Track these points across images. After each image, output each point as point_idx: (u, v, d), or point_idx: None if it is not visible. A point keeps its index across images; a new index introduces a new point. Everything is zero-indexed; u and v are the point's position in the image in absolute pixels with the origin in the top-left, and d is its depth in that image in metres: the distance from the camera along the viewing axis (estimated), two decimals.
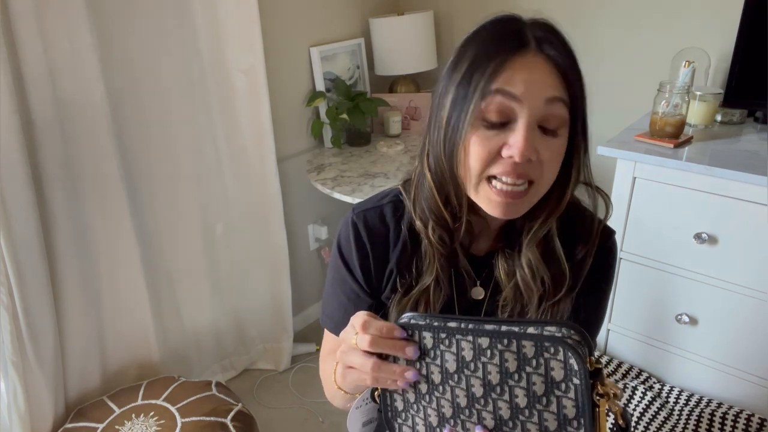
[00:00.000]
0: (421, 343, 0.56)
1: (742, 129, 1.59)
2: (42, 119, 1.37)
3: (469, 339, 0.54)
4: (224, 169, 1.82)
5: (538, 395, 0.52)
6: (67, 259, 1.50)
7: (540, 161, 0.64)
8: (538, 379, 0.52)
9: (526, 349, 0.52)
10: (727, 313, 1.44)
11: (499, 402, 0.54)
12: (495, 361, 0.53)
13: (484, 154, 0.65)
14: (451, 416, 0.56)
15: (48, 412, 1.50)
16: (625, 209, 1.51)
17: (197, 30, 1.65)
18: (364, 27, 2.18)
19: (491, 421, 0.54)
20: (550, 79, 0.64)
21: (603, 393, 0.51)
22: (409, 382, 0.56)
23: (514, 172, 0.64)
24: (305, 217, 2.19)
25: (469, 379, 0.54)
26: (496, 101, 0.63)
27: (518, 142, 0.62)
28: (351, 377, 0.59)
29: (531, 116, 0.63)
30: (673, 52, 1.66)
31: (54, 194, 1.44)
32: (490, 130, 0.64)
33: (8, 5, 1.26)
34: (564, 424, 0.51)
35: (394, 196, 0.81)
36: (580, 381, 0.50)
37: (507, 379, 0.53)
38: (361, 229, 0.80)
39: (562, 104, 0.64)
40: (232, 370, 2.05)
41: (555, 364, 0.51)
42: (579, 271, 0.75)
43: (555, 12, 0.71)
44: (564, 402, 0.51)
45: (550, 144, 0.65)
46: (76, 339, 1.56)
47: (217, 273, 1.90)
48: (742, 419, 1.45)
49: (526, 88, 0.62)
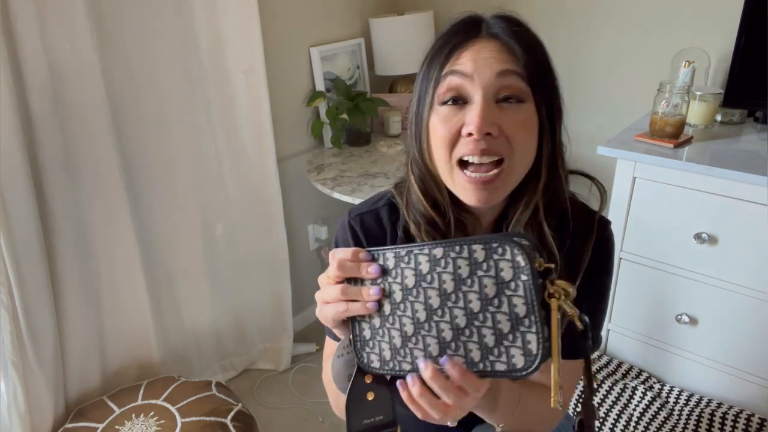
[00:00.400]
0: (385, 264, 0.58)
1: (742, 129, 1.59)
2: (42, 119, 1.37)
3: (425, 252, 0.55)
4: (224, 169, 1.82)
5: (489, 297, 0.52)
6: (67, 259, 1.50)
7: (505, 136, 0.65)
8: (489, 281, 0.52)
9: (476, 253, 0.52)
10: (727, 313, 1.44)
11: (455, 310, 0.54)
12: (449, 269, 0.54)
13: (445, 134, 0.66)
14: (413, 333, 0.57)
15: (48, 412, 1.50)
16: (625, 209, 1.51)
17: (197, 30, 1.65)
18: (364, 27, 2.18)
19: (449, 331, 0.54)
20: (501, 55, 0.66)
21: (553, 292, 0.50)
22: (373, 299, 0.58)
23: (477, 149, 0.64)
24: (305, 217, 2.19)
25: (426, 291, 0.55)
26: (448, 81, 0.66)
27: (473, 117, 0.63)
28: (326, 311, 0.61)
29: (484, 91, 0.64)
30: (673, 52, 1.66)
31: (54, 194, 1.44)
32: (449, 111, 0.66)
33: (8, 5, 1.26)
34: (516, 324, 0.51)
35: (389, 198, 0.82)
36: (528, 276, 0.50)
37: (461, 285, 0.53)
38: (358, 231, 0.80)
39: (516, 76, 0.65)
40: (232, 370, 2.05)
41: (504, 264, 0.51)
42: (579, 264, 0.75)
43: (555, 12, 0.72)
44: (514, 301, 0.51)
45: (511, 115, 0.65)
46: (76, 339, 1.56)
47: (217, 273, 1.90)
48: (742, 419, 1.45)
49: (475, 65, 0.65)
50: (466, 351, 0.54)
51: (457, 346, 0.54)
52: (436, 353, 0.56)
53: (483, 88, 0.64)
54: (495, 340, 0.52)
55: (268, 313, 2.05)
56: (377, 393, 0.62)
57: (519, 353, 0.51)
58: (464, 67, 0.65)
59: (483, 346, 0.53)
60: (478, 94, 0.64)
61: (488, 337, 0.52)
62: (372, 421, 0.62)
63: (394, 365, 0.59)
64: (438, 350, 0.56)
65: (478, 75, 0.64)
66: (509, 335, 0.51)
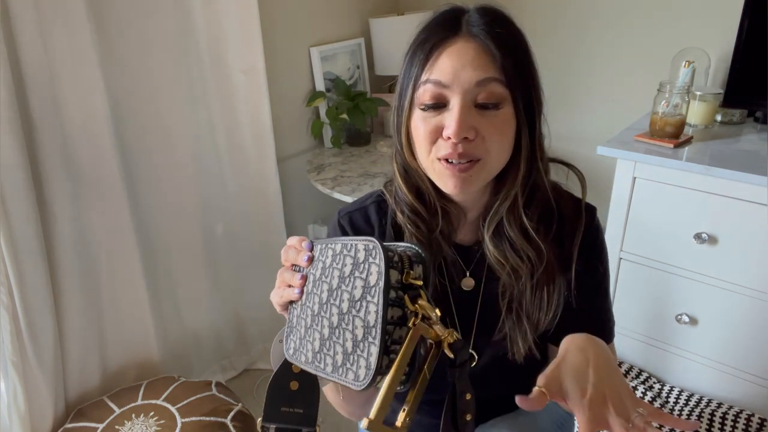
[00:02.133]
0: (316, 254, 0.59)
1: (742, 129, 1.59)
2: (42, 119, 1.37)
3: (332, 246, 0.55)
4: (224, 169, 1.82)
5: (356, 300, 0.50)
6: (67, 259, 1.50)
7: (482, 137, 0.68)
8: (359, 284, 0.50)
9: (359, 253, 0.52)
10: (727, 313, 1.44)
11: (333, 308, 0.53)
12: (339, 265, 0.54)
13: (425, 135, 0.69)
14: (310, 325, 0.56)
15: (48, 412, 1.50)
16: (625, 209, 1.51)
17: (197, 30, 1.65)
18: (364, 27, 2.18)
19: (327, 329, 0.53)
20: (480, 61, 0.67)
21: (412, 310, 0.48)
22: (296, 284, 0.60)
23: (455, 152, 0.68)
24: (305, 217, 2.19)
25: (322, 285, 0.55)
26: (428, 89, 0.68)
27: (452, 123, 0.66)
28: (273, 294, 0.65)
29: (463, 99, 0.66)
30: (673, 52, 1.66)
31: (54, 194, 1.44)
32: (428, 113, 0.69)
33: (8, 5, 1.26)
34: (366, 333, 0.49)
35: (377, 196, 0.84)
36: (383, 283, 0.48)
37: (341, 283, 0.53)
38: (347, 229, 0.83)
39: (496, 83, 0.67)
40: (232, 370, 2.05)
41: (373, 268, 0.49)
42: (570, 248, 0.77)
43: (555, 12, 0.72)
44: (369, 307, 0.49)
45: (489, 119, 0.68)
46: (76, 339, 1.56)
47: (217, 273, 1.90)
48: (742, 419, 1.45)
49: (454, 75, 0.67)
50: (334, 352, 0.52)
51: (330, 345, 0.53)
52: (317, 349, 0.54)
53: (461, 94, 0.67)
54: (352, 346, 0.50)
55: (268, 313, 2.03)
56: (303, 384, 0.62)
57: (363, 364, 0.49)
58: (443, 77, 0.67)
59: (344, 350, 0.51)
60: (456, 100, 0.67)
61: (348, 342, 0.51)
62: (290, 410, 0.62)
63: (298, 356, 0.58)
64: (318, 346, 0.54)
65: (457, 84, 0.67)
66: (361, 343, 0.49)
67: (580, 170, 0.80)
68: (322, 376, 0.54)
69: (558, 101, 1.99)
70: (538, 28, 1.94)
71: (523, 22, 0.73)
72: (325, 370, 0.53)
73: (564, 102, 1.99)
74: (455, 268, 0.81)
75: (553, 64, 1.96)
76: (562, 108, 1.99)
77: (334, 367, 0.52)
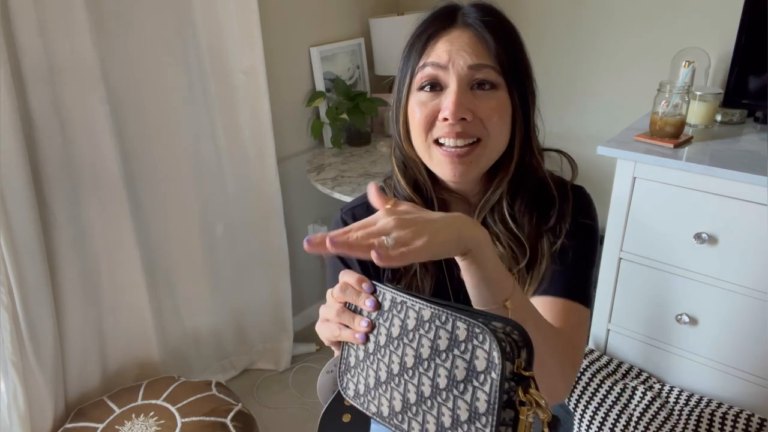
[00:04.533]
0: (382, 302, 0.58)
1: (742, 129, 1.59)
2: (42, 119, 1.38)
3: (416, 309, 0.55)
4: (224, 169, 1.82)
5: (457, 380, 0.51)
6: (67, 259, 1.50)
7: (479, 119, 0.69)
8: (461, 364, 0.51)
9: (459, 330, 0.51)
10: (727, 313, 1.44)
11: (424, 378, 0.53)
12: (430, 335, 0.53)
13: (422, 117, 0.71)
14: (384, 381, 0.57)
15: (48, 412, 1.50)
16: (625, 209, 1.51)
17: (197, 30, 1.65)
18: (364, 27, 2.18)
19: (414, 395, 0.54)
20: (474, 48, 0.69)
21: (525, 401, 0.49)
22: (361, 331, 0.58)
23: (452, 133, 0.69)
24: (305, 217, 2.19)
25: (405, 348, 0.55)
26: (426, 72, 0.70)
27: (449, 105, 0.68)
28: (324, 329, 0.62)
29: (459, 79, 0.68)
30: (673, 52, 1.66)
31: (54, 194, 1.44)
32: (426, 96, 0.71)
33: (8, 5, 1.26)
34: (474, 417, 0.49)
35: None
36: (497, 376, 0.48)
37: (435, 356, 0.53)
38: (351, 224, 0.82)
39: (489, 69, 0.69)
40: (232, 370, 2.05)
41: (480, 353, 0.50)
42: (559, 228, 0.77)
43: (555, 12, 0.73)
44: (478, 394, 0.49)
45: (486, 101, 0.69)
46: (76, 339, 1.56)
47: (217, 273, 1.90)
48: (742, 419, 1.44)
49: (449, 56, 0.69)
50: (424, 420, 0.53)
51: (417, 411, 0.54)
52: (398, 409, 0.56)
53: (458, 76, 0.68)
54: (451, 423, 0.51)
55: (268, 313, 2.05)
56: (355, 417, 0.63)
57: None
58: (440, 59, 0.69)
59: (440, 423, 0.52)
60: (453, 82, 0.69)
61: (446, 417, 0.51)
62: None
63: (363, 401, 0.59)
64: (400, 407, 0.55)
65: (453, 65, 0.69)
66: (465, 425, 0.50)
67: (569, 155, 0.82)
68: None
69: (558, 101, 1.99)
70: (538, 27, 1.94)
71: (523, 22, 0.74)
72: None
73: (564, 102, 1.99)
74: (453, 260, 0.81)
75: (553, 64, 1.96)
76: (562, 108, 1.99)
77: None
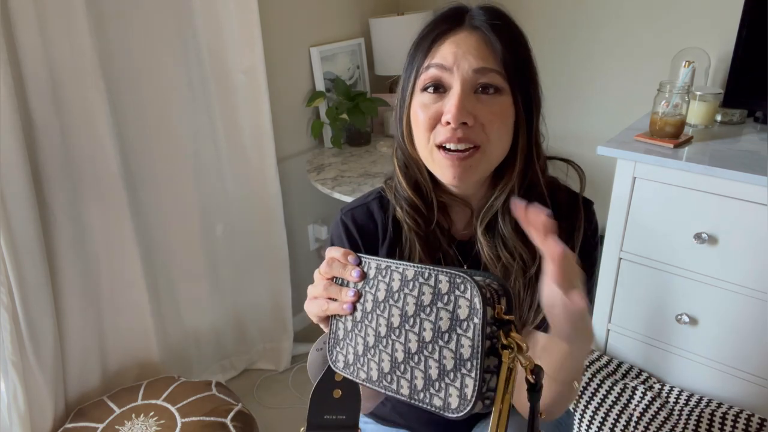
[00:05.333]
0: (367, 271, 0.60)
1: (742, 129, 1.59)
2: (42, 119, 1.37)
3: (400, 270, 0.57)
4: (224, 170, 1.82)
5: (442, 331, 0.52)
6: (67, 259, 1.50)
7: (481, 124, 0.68)
8: (445, 315, 0.52)
9: (441, 284, 0.53)
10: (727, 313, 1.44)
11: (410, 334, 0.55)
12: (414, 293, 0.55)
13: (425, 121, 0.70)
14: (373, 345, 0.58)
15: (48, 412, 1.50)
16: (625, 209, 1.51)
17: (197, 30, 1.65)
18: (364, 27, 2.18)
19: (401, 353, 0.56)
20: (480, 51, 0.68)
21: (507, 345, 0.50)
22: (348, 301, 0.60)
23: (454, 137, 0.68)
24: (305, 217, 2.19)
25: (391, 309, 0.56)
26: (430, 73, 0.70)
27: (451, 108, 0.67)
28: (312, 305, 0.64)
29: (463, 83, 0.68)
30: (673, 52, 1.66)
31: (54, 194, 1.44)
32: (429, 98, 0.70)
33: (8, 5, 1.26)
34: (459, 365, 0.51)
35: (378, 193, 0.86)
36: (479, 320, 0.50)
37: (420, 311, 0.54)
38: (350, 226, 0.84)
39: (494, 74, 0.68)
40: (232, 370, 2.05)
41: (462, 302, 0.51)
42: (571, 246, 0.77)
43: (555, 12, 0.73)
44: (462, 341, 0.51)
45: (489, 106, 0.69)
46: (76, 339, 1.56)
47: (217, 273, 1.90)
48: (742, 419, 1.44)
49: (454, 59, 0.68)
50: (412, 376, 0.55)
51: (405, 368, 0.55)
52: (387, 370, 0.57)
53: (461, 80, 0.68)
54: (438, 374, 0.52)
55: (268, 313, 2.04)
56: (345, 392, 0.63)
57: (456, 393, 0.51)
58: (445, 60, 0.69)
59: (427, 376, 0.53)
60: (456, 84, 0.68)
61: (433, 369, 0.53)
62: (333, 418, 0.64)
63: (353, 370, 0.60)
64: (389, 367, 0.57)
65: (458, 68, 0.68)
66: (451, 373, 0.52)
67: (578, 165, 0.81)
68: (393, 395, 0.56)
69: (558, 101, 1.99)
70: (538, 27, 1.94)
71: (524, 22, 0.74)
72: (400, 391, 0.55)
73: (564, 102, 1.99)
74: (454, 264, 0.81)
75: (553, 64, 1.96)
76: (562, 108, 1.99)
77: (413, 390, 0.54)
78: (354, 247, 0.83)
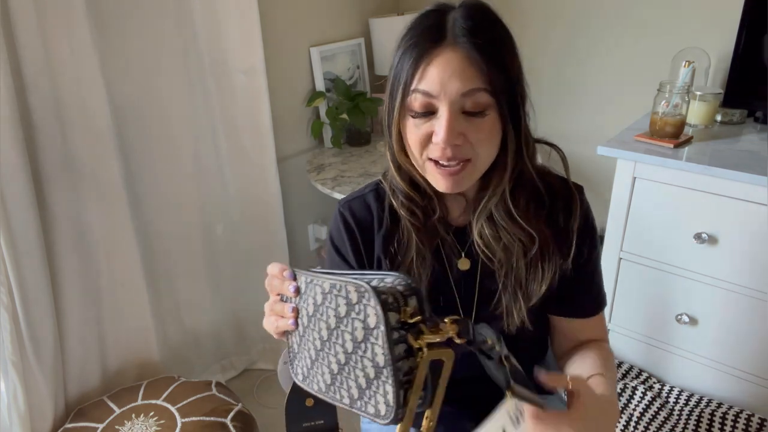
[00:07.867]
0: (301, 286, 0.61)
1: (742, 129, 1.59)
2: (42, 119, 1.37)
3: (320, 284, 0.57)
4: (224, 169, 1.82)
5: (359, 341, 0.52)
6: (67, 259, 1.50)
7: (470, 142, 0.71)
8: (359, 325, 0.52)
9: (351, 294, 0.53)
10: (727, 313, 1.44)
11: (336, 346, 0.55)
12: (333, 305, 0.55)
13: (417, 140, 0.73)
14: (314, 359, 0.59)
15: (48, 412, 1.50)
16: (625, 209, 1.51)
17: (197, 30, 1.65)
18: (364, 27, 2.18)
19: (335, 365, 0.56)
20: (466, 72, 0.69)
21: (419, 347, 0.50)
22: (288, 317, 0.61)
23: (444, 156, 0.71)
24: (305, 217, 2.19)
25: (318, 323, 0.57)
26: (418, 99, 0.71)
27: (441, 131, 0.70)
28: (266, 322, 0.66)
29: (450, 108, 0.69)
30: (673, 52, 1.66)
31: (54, 194, 1.44)
32: (418, 119, 0.72)
33: (8, 5, 1.26)
34: (378, 373, 0.51)
35: (375, 185, 0.88)
36: (384, 327, 0.50)
37: (339, 323, 0.54)
38: (348, 218, 0.86)
39: (481, 92, 0.69)
40: (232, 370, 2.05)
41: (370, 310, 0.51)
42: (565, 227, 0.81)
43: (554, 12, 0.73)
44: (375, 349, 0.51)
45: (477, 125, 0.71)
46: (76, 339, 1.56)
47: (217, 273, 1.90)
48: (742, 419, 1.45)
49: (441, 86, 0.69)
50: (348, 386, 0.55)
51: (341, 380, 0.55)
52: (329, 382, 0.57)
53: (449, 104, 0.69)
54: (366, 383, 0.53)
55: None
56: (317, 399, 0.63)
57: (382, 401, 0.51)
58: (431, 87, 0.70)
59: (358, 385, 0.54)
60: (444, 109, 0.70)
61: (360, 378, 0.53)
62: (312, 424, 0.65)
63: (309, 383, 0.61)
64: (330, 380, 0.57)
65: (444, 93, 0.69)
66: (374, 381, 0.52)
67: (561, 149, 0.83)
68: (340, 406, 0.57)
69: (558, 101, 1.99)
70: (537, 27, 1.94)
71: (522, 22, 0.74)
72: (342, 401, 0.56)
73: (564, 102, 1.99)
74: (452, 250, 0.84)
75: (553, 64, 1.96)
76: (563, 108, 1.99)
77: (351, 400, 0.55)
78: (351, 239, 0.85)
